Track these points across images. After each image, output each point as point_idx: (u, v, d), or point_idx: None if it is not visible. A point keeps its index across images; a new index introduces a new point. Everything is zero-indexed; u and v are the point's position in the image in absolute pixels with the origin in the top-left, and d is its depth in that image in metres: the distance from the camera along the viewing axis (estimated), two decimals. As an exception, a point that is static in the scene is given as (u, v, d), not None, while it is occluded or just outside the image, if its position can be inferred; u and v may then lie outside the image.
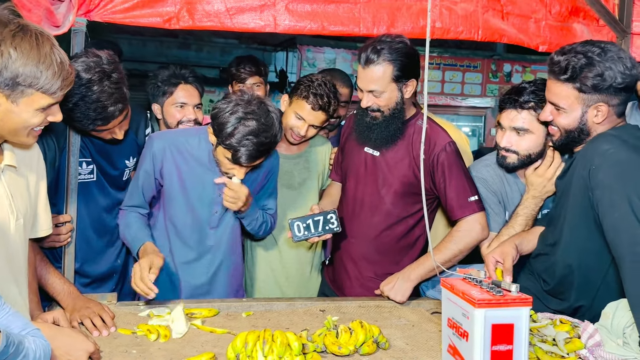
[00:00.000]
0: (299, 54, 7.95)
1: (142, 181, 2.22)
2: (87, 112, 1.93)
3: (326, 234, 2.25)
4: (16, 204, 1.65)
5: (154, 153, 2.19)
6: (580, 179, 1.83)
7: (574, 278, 1.94)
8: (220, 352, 1.69)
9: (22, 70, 1.45)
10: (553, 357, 1.71)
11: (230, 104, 2.01)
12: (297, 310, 2.14)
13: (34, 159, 1.77)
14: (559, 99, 1.91)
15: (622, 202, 1.68)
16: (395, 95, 2.21)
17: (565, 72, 1.85)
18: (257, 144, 1.99)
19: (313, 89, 2.45)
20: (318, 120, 2.49)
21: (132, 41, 7.35)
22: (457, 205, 2.24)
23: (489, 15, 2.43)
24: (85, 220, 2.22)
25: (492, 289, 1.56)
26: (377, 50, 2.14)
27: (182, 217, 2.23)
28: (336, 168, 2.60)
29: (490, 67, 8.58)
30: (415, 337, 1.90)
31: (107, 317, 1.87)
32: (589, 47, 1.86)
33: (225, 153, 2.03)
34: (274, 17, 2.25)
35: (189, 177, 2.20)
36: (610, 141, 1.81)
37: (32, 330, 1.42)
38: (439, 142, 2.25)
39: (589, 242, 1.86)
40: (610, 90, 1.84)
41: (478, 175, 2.34)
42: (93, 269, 2.31)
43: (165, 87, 2.53)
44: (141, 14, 2.11)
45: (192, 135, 2.25)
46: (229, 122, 1.98)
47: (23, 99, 1.49)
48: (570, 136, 1.94)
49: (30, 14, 1.88)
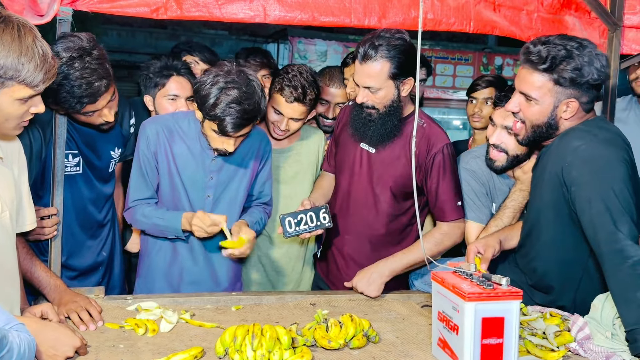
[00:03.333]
0: (290, 46, 7.90)
1: (144, 168, 2.19)
2: (73, 91, 1.91)
3: (317, 230, 2.23)
4: (2, 197, 1.62)
5: (147, 137, 2.17)
6: (553, 175, 1.83)
7: (554, 273, 1.96)
8: (209, 346, 1.68)
9: (3, 62, 1.43)
10: (543, 351, 1.72)
11: (210, 76, 2.01)
12: (287, 304, 2.13)
13: (15, 151, 1.74)
14: (531, 89, 1.86)
15: (597, 199, 1.69)
16: (392, 93, 2.18)
17: (545, 61, 1.82)
18: (241, 112, 1.97)
19: (287, 81, 2.42)
20: (296, 113, 2.45)
21: (121, 32, 7.28)
22: (446, 208, 2.25)
23: (480, 7, 2.42)
24: (70, 213, 2.19)
25: (482, 282, 1.56)
26: (375, 46, 2.11)
27: (177, 203, 2.20)
28: (329, 159, 2.57)
29: (481, 60, 8.58)
30: (405, 331, 1.89)
31: (95, 311, 1.85)
32: (567, 41, 1.84)
33: (211, 126, 2.02)
34: (264, 7, 2.22)
35: (181, 160, 2.18)
36: (581, 137, 1.80)
37: (16, 325, 1.39)
38: (437, 143, 2.23)
39: (565, 236, 1.88)
40: (585, 86, 1.82)
41: (467, 167, 2.35)
42: (79, 262, 2.28)
43: (157, 79, 2.50)
44: (128, 3, 2.07)
45: (181, 118, 2.24)
46: (211, 93, 1.97)
47: (3, 89, 1.46)
48: (538, 132, 1.92)
49: (13, 3, 1.84)
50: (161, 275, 2.26)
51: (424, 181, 2.26)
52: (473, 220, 2.30)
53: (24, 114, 1.55)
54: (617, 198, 1.66)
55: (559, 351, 1.71)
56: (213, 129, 2.02)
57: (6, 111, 1.50)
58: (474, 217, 2.30)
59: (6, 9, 1.83)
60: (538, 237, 1.96)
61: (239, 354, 1.59)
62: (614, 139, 1.82)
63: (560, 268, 1.94)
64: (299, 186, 2.61)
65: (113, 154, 2.32)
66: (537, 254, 1.99)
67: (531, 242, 2.00)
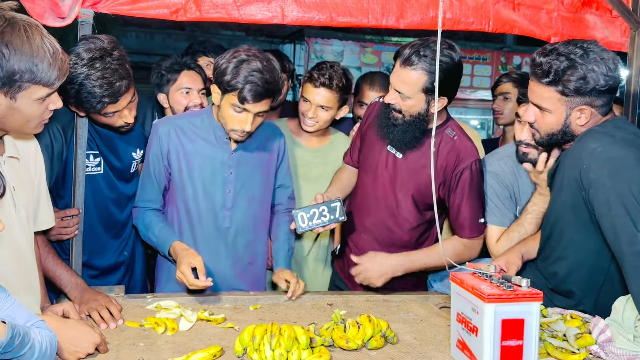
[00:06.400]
0: (306, 46, 7.92)
1: (152, 167, 2.20)
2: (94, 91, 1.94)
3: (331, 224, 2.20)
4: (17, 196, 1.64)
5: (159, 137, 2.18)
6: (571, 179, 1.80)
7: (575, 277, 1.93)
8: (227, 345, 1.68)
9: (18, 66, 1.43)
10: (563, 353, 1.70)
11: (229, 53, 2.05)
12: (304, 304, 2.13)
13: (31, 151, 1.77)
14: (541, 100, 1.87)
15: (616, 201, 1.66)
16: (421, 106, 2.12)
17: (547, 75, 1.81)
18: (262, 80, 1.98)
19: (316, 69, 2.49)
20: (323, 99, 2.47)
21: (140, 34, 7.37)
22: (468, 226, 2.22)
23: (500, 6, 2.40)
24: (92, 212, 2.21)
25: (502, 284, 1.55)
26: (420, 55, 2.05)
27: (194, 202, 2.20)
28: (352, 152, 2.52)
29: (499, 59, 8.52)
30: (423, 332, 1.89)
31: (115, 310, 1.87)
32: (571, 48, 1.81)
33: (230, 100, 2.02)
34: (282, 9, 2.22)
35: (197, 157, 2.19)
36: (597, 139, 1.78)
37: (37, 322, 1.42)
38: (466, 158, 2.18)
39: (586, 241, 1.85)
40: (594, 92, 1.80)
41: (491, 169, 2.31)
42: (100, 261, 2.31)
43: (168, 75, 2.55)
44: (148, 5, 2.10)
45: (194, 116, 2.26)
46: (231, 64, 2.00)
47: (21, 93, 1.47)
48: (554, 139, 1.91)
49: (34, 5, 1.87)
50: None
51: (447, 195, 2.22)
52: (494, 225, 2.28)
53: (43, 113, 1.57)
54: (635, 199, 1.63)
55: (579, 354, 1.69)
56: (232, 102, 2.02)
57: (26, 112, 1.52)
58: (496, 222, 2.28)
59: (28, 11, 1.86)
60: (558, 241, 1.94)
61: (257, 353, 1.59)
62: (632, 140, 1.79)
63: (581, 272, 1.91)
64: (322, 187, 2.60)
65: (135, 155, 2.35)
66: (557, 257, 1.96)
67: (551, 246, 1.98)
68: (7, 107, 1.48)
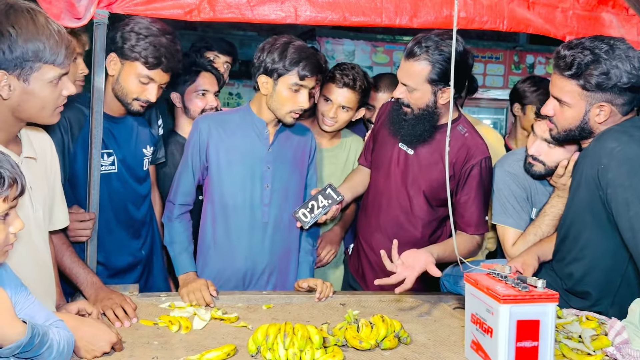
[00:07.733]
0: (318, 46, 7.90)
1: (191, 160, 2.23)
2: (147, 46, 2.08)
3: (332, 206, 2.20)
4: (34, 196, 1.66)
5: (200, 131, 2.23)
6: (589, 178, 1.79)
7: (591, 278, 1.91)
8: (241, 344, 1.69)
9: (26, 47, 1.46)
10: (579, 354, 1.68)
11: (267, 44, 2.17)
12: (317, 303, 2.13)
13: (47, 150, 1.79)
14: (562, 94, 1.87)
15: (635, 201, 1.65)
16: (428, 98, 2.14)
17: (570, 68, 1.81)
18: (314, 55, 2.13)
19: (339, 70, 2.56)
20: (345, 99, 2.53)
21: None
22: (474, 222, 2.23)
23: (514, 5, 2.37)
24: (109, 211, 2.23)
25: (517, 285, 1.53)
26: (422, 46, 2.07)
27: (231, 196, 2.22)
28: (366, 153, 2.54)
29: (512, 58, 8.43)
30: (437, 332, 1.88)
31: (129, 308, 1.88)
32: (597, 43, 1.80)
33: (287, 80, 2.11)
34: (295, 8, 2.22)
35: (237, 152, 2.22)
36: (616, 138, 1.76)
37: (55, 321, 1.43)
38: (476, 154, 2.20)
39: (603, 241, 1.83)
40: (615, 89, 1.79)
41: (509, 170, 2.30)
42: (117, 261, 2.32)
43: (186, 76, 2.57)
44: (162, 6, 2.11)
45: (232, 113, 2.32)
46: (277, 50, 2.11)
47: (33, 74, 1.50)
48: (570, 135, 1.91)
49: (51, 6, 1.89)
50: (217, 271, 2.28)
51: (455, 190, 2.23)
52: (511, 227, 2.27)
53: (57, 98, 1.59)
54: None
55: (595, 355, 1.68)
56: (289, 82, 2.10)
57: (41, 96, 1.54)
58: (513, 224, 2.27)
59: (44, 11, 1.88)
60: (575, 242, 1.92)
61: (271, 352, 1.60)
62: None
63: (598, 273, 1.89)
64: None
65: (145, 152, 2.37)
66: (573, 258, 1.94)
67: (567, 247, 1.96)
68: (21, 92, 1.50)
